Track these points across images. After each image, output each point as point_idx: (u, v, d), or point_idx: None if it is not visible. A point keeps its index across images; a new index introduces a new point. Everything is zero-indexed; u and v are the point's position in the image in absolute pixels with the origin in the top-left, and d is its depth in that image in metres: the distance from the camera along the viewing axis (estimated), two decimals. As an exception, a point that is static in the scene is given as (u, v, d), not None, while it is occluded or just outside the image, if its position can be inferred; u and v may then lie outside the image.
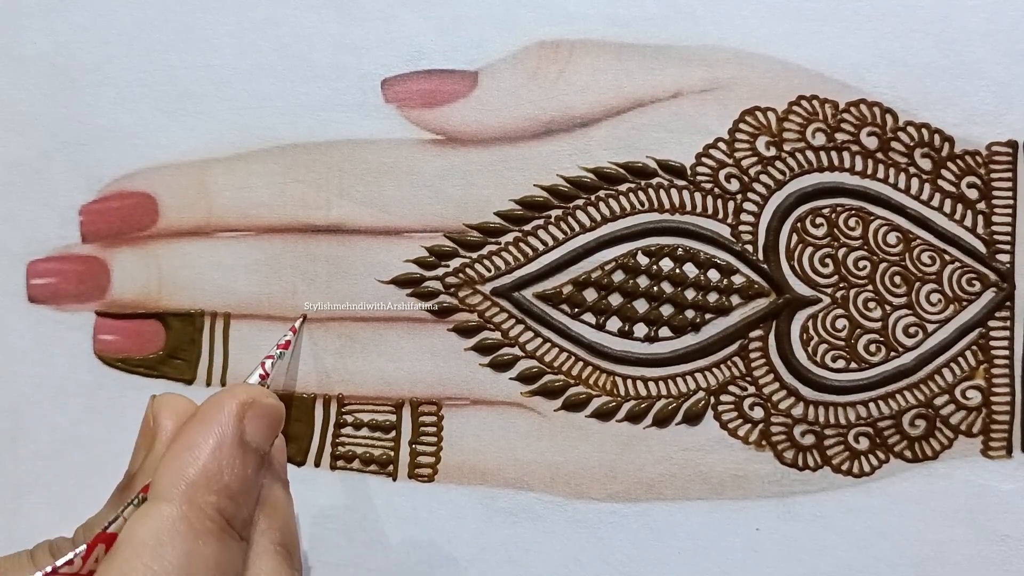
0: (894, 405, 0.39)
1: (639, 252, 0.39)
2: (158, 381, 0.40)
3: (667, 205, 0.39)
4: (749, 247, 0.39)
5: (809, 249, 0.39)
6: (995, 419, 0.39)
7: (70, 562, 0.28)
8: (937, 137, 0.39)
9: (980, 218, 0.39)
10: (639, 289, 0.39)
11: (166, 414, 0.33)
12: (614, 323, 0.39)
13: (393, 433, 0.40)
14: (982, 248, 0.39)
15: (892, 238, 0.39)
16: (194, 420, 0.31)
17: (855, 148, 0.39)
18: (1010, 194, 0.39)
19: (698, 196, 0.39)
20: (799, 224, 0.39)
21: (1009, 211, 0.39)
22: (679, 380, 0.39)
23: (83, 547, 0.28)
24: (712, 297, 0.39)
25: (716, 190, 0.39)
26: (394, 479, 0.40)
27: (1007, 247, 0.39)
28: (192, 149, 0.40)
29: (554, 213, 0.40)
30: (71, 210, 0.41)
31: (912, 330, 0.39)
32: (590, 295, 0.40)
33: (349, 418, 0.40)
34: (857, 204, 0.39)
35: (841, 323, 0.39)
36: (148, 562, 0.28)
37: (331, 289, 0.40)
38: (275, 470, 0.35)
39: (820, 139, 0.39)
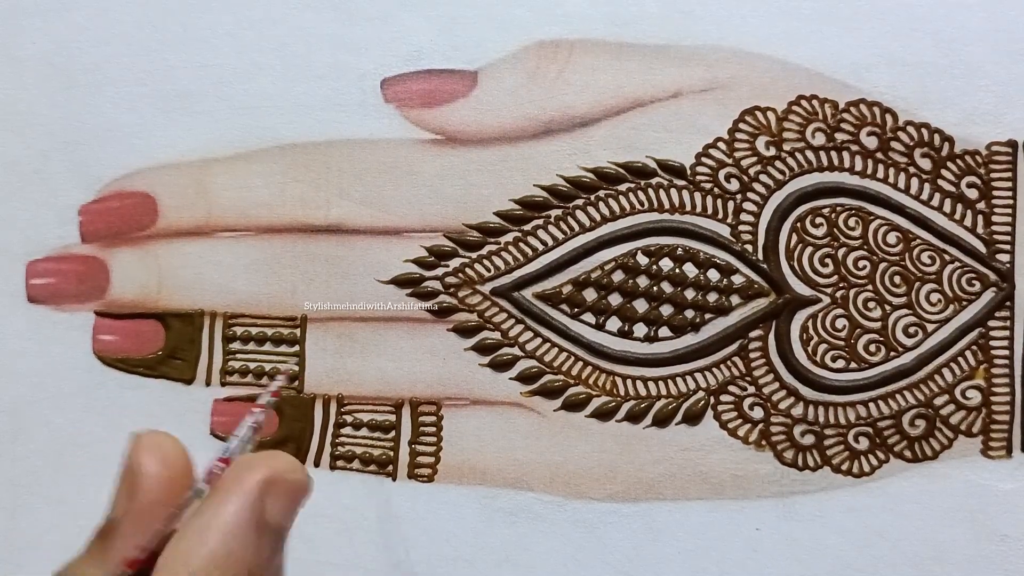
0: (894, 405, 0.39)
1: (639, 252, 0.39)
2: (158, 381, 0.40)
3: (667, 205, 0.39)
4: (749, 247, 0.39)
5: (809, 249, 0.39)
6: (995, 419, 0.39)
7: None
8: (937, 137, 0.39)
9: (980, 218, 0.39)
10: (639, 289, 0.39)
11: (149, 457, 0.32)
12: (614, 323, 0.39)
13: (393, 433, 0.40)
14: (982, 248, 0.39)
15: (892, 238, 0.39)
16: (210, 497, 0.30)
17: (855, 148, 0.39)
18: (1010, 194, 0.39)
19: (698, 196, 0.39)
20: (799, 224, 0.39)
21: (1009, 211, 0.39)
22: (679, 380, 0.39)
23: None
24: (712, 297, 0.39)
25: (716, 190, 0.39)
26: (394, 479, 0.40)
27: (1007, 247, 0.39)
28: (191, 149, 0.40)
29: (554, 213, 0.40)
30: (70, 210, 0.41)
31: (912, 330, 0.39)
32: (590, 295, 0.40)
33: (349, 418, 0.40)
34: (857, 204, 0.39)
35: (841, 323, 0.39)
36: None
37: (331, 289, 0.40)
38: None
39: (820, 139, 0.39)
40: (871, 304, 0.39)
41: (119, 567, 0.28)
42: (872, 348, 0.39)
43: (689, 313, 0.39)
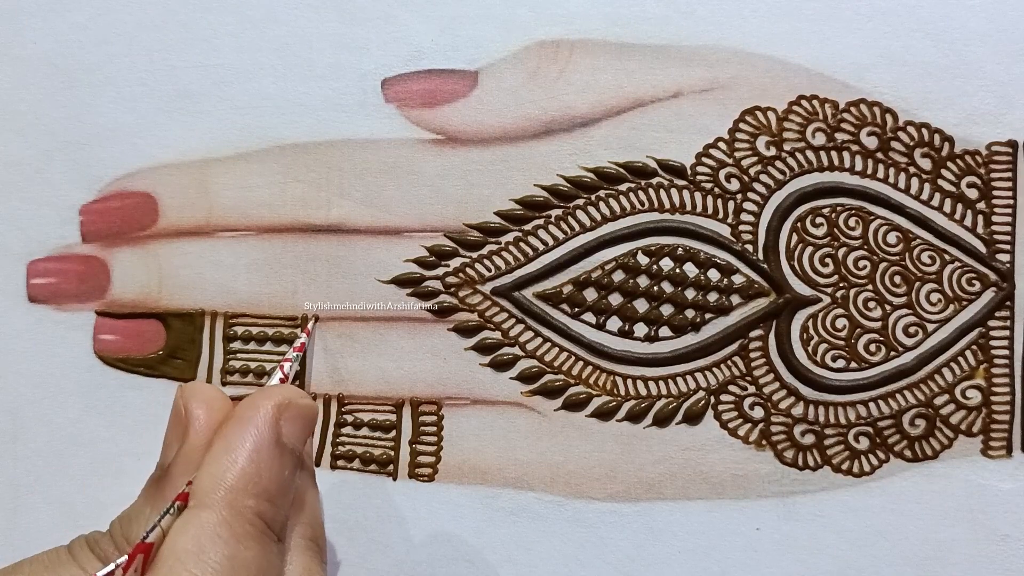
0: (894, 405, 0.39)
1: (639, 252, 0.39)
2: (158, 381, 0.40)
3: (667, 205, 0.39)
4: (749, 247, 0.39)
5: (809, 249, 0.39)
6: (995, 419, 0.39)
7: (110, 574, 0.28)
8: (937, 137, 0.39)
9: (980, 218, 0.39)
10: (639, 289, 0.39)
11: (196, 403, 0.33)
12: (614, 323, 0.39)
13: (393, 433, 0.40)
14: (982, 248, 0.39)
15: (892, 238, 0.39)
16: (231, 423, 0.31)
17: (855, 148, 0.39)
18: (1010, 194, 0.39)
19: (698, 196, 0.39)
20: (799, 224, 0.39)
21: (1009, 211, 0.39)
22: (679, 380, 0.39)
23: (123, 558, 0.28)
24: (712, 297, 0.39)
25: (716, 190, 0.39)
26: (394, 479, 0.40)
27: (1007, 247, 0.39)
28: (192, 149, 0.41)
29: (554, 213, 0.40)
30: (71, 210, 0.41)
31: (912, 330, 0.39)
32: (590, 295, 0.40)
33: (349, 418, 0.40)
34: (857, 204, 0.39)
35: (841, 323, 0.39)
36: (192, 568, 0.28)
37: (331, 289, 0.40)
38: (305, 464, 0.35)
39: (820, 139, 0.39)
40: (871, 304, 0.39)
41: (172, 502, 0.29)
42: (872, 348, 0.39)
43: (689, 313, 0.39)
